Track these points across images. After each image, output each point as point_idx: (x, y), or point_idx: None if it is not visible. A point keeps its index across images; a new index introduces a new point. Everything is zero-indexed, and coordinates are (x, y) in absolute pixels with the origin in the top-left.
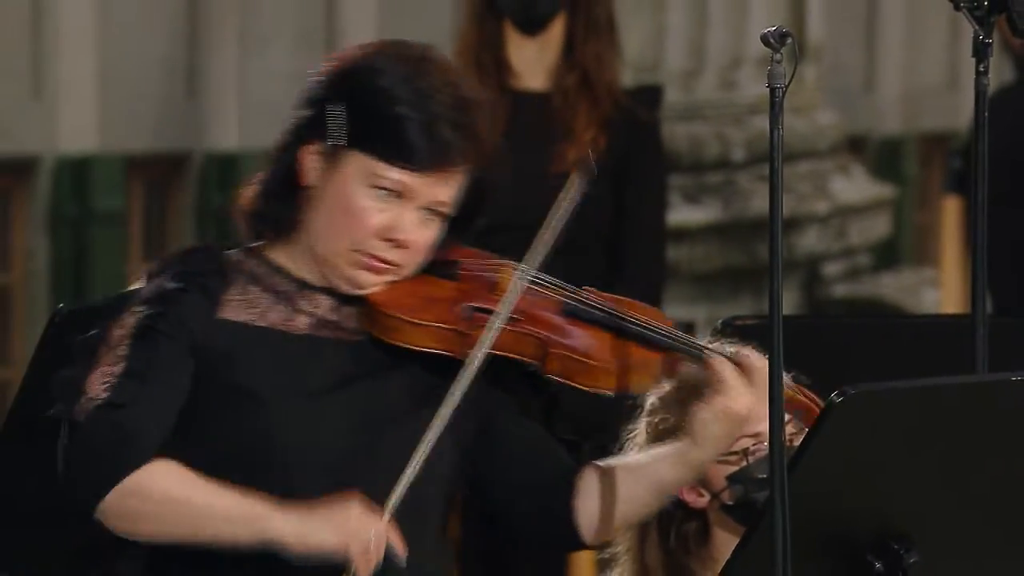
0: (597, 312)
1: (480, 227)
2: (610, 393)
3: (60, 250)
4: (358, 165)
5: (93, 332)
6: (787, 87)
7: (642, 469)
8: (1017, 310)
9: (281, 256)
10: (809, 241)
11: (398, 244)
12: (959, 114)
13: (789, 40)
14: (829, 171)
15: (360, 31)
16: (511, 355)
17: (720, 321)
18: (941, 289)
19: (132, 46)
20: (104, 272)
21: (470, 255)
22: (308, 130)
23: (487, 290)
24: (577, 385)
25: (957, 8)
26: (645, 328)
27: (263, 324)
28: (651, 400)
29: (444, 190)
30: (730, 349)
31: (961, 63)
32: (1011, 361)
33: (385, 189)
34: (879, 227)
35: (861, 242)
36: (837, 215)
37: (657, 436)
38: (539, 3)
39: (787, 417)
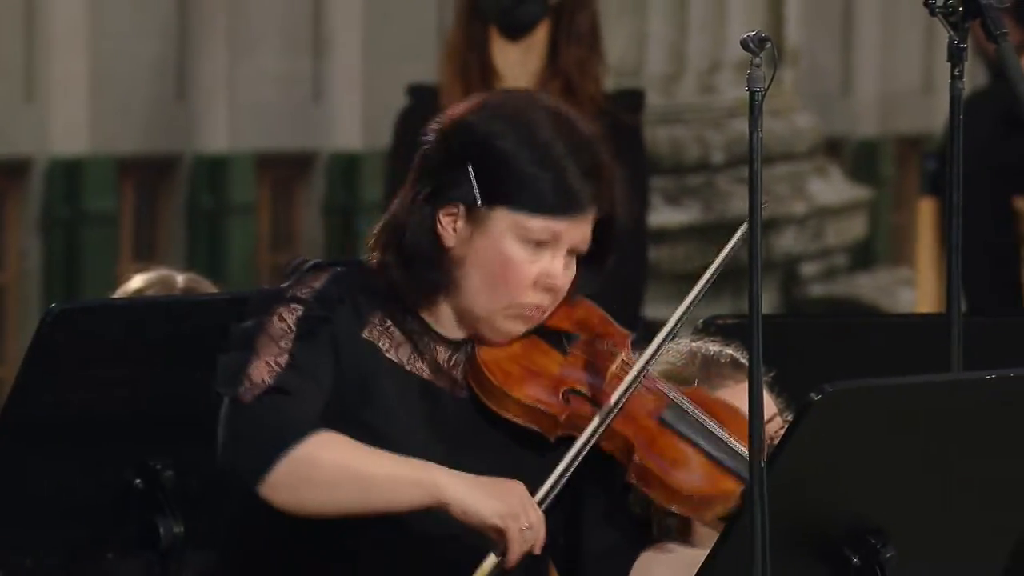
0: (693, 431)
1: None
2: (680, 512)
3: (52, 250)
4: (505, 221)
5: (248, 324)
6: (766, 91)
7: (687, 567)
8: (992, 310)
9: (421, 311)
10: (787, 242)
11: (550, 289)
12: (934, 117)
13: (768, 45)
14: (807, 173)
15: (346, 34)
16: (603, 447)
17: (701, 320)
18: (916, 289)
19: (123, 49)
20: (96, 272)
21: (593, 326)
22: (440, 195)
23: (594, 377)
24: (652, 497)
25: (932, 14)
26: (735, 458)
27: (393, 358)
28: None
29: (583, 231)
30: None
31: (936, 67)
32: (985, 360)
33: (534, 241)
34: (856, 228)
35: (838, 243)
36: (814, 216)
37: None
38: (523, 9)
39: (766, 416)
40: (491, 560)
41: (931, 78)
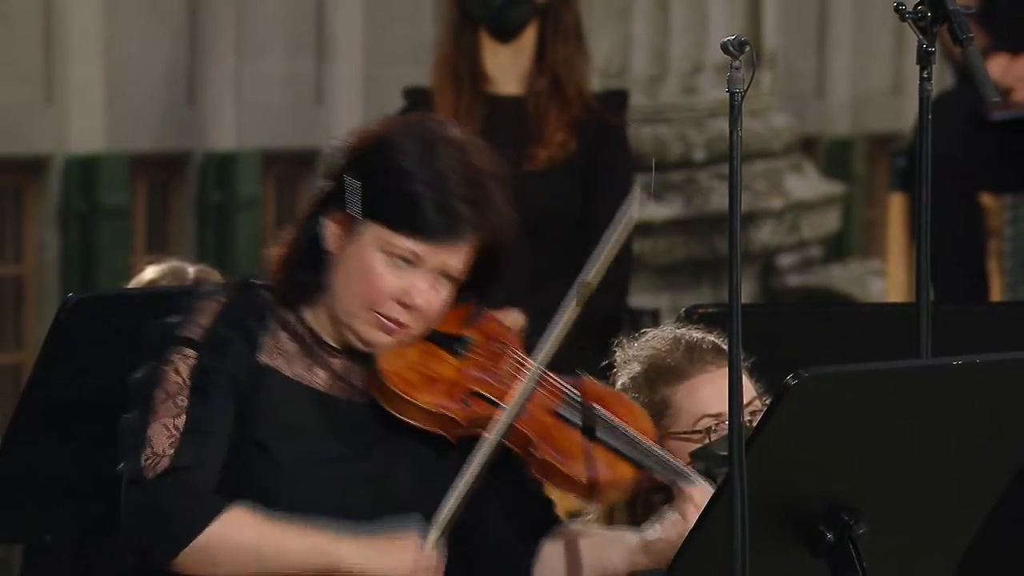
0: (587, 422)
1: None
2: (580, 500)
3: (69, 243)
4: (374, 234)
5: (144, 374)
6: (745, 92)
7: (595, 550)
8: (959, 299)
9: (305, 312)
10: (765, 235)
11: (410, 307)
12: (904, 117)
13: (747, 48)
14: (783, 170)
15: (347, 39)
16: (504, 443)
17: (683, 309)
18: (887, 279)
19: (137, 54)
20: (110, 264)
21: (483, 327)
22: (331, 201)
23: (490, 376)
24: (553, 486)
25: (903, 19)
26: (629, 444)
27: (289, 375)
28: (622, 380)
29: (455, 258)
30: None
31: (906, 70)
32: (953, 346)
33: (399, 257)
34: (830, 222)
35: (813, 236)
36: (791, 211)
37: None
38: (511, 12)
39: (746, 400)
40: None
41: (901, 80)
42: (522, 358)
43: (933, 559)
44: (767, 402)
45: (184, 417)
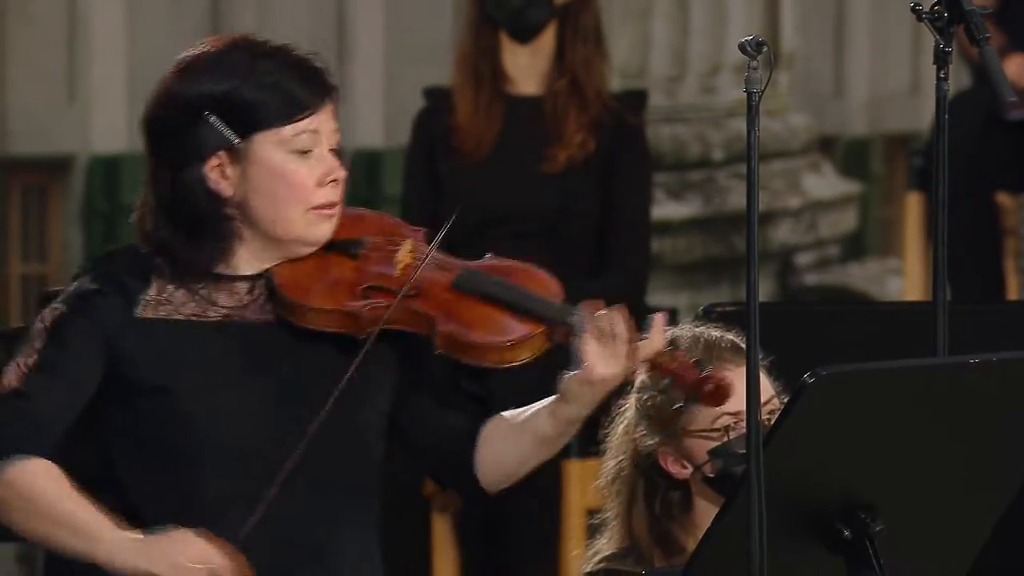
0: (484, 287)
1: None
2: (493, 367)
3: (93, 242)
4: (266, 143)
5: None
6: (763, 92)
7: (526, 423)
8: (975, 298)
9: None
10: (783, 234)
11: (336, 181)
12: (921, 117)
13: (765, 49)
14: (801, 169)
15: (369, 37)
16: (405, 328)
17: (701, 308)
18: (904, 278)
19: (159, 54)
20: None
21: (376, 226)
22: (193, 156)
23: (386, 268)
24: (463, 360)
25: (920, 19)
26: (527, 301)
27: (177, 318)
28: (641, 378)
29: (333, 119)
30: (601, 313)
31: (923, 70)
32: (969, 345)
33: (299, 147)
34: (847, 221)
35: (830, 235)
36: (808, 210)
37: (645, 413)
38: (530, 13)
39: (764, 398)
40: None
41: (918, 80)
42: (419, 246)
43: (950, 556)
44: (785, 400)
45: (36, 357)
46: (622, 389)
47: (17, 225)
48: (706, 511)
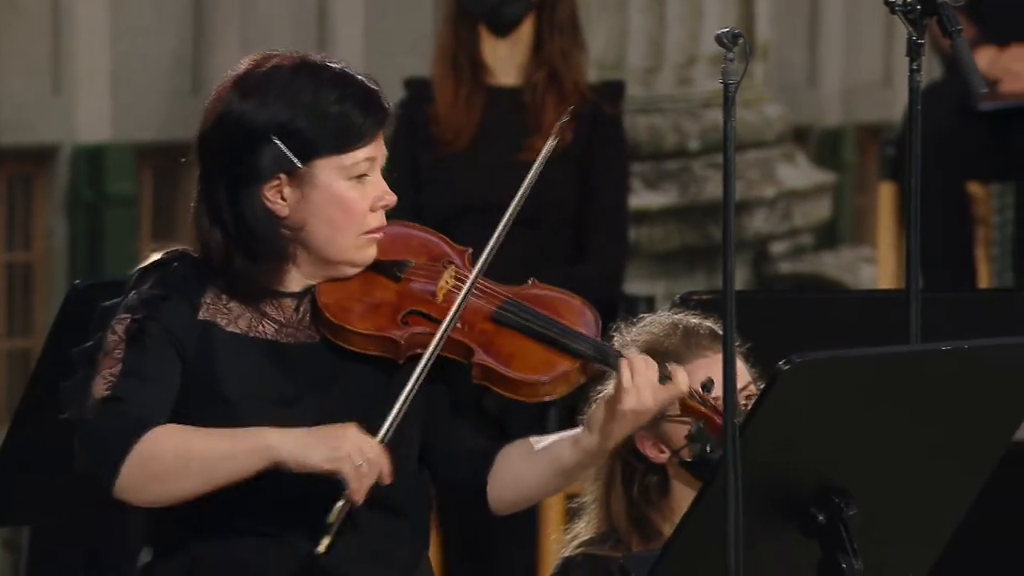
0: (524, 322)
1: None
2: (528, 401)
3: (77, 231)
4: (327, 168)
5: (88, 344)
6: (738, 83)
7: (547, 451)
8: (947, 286)
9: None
10: (758, 223)
11: (386, 207)
12: (894, 107)
13: (740, 40)
14: (775, 159)
15: (349, 29)
16: (443, 354)
17: (678, 296)
18: (877, 267)
19: (143, 45)
20: (117, 251)
21: (422, 246)
22: (253, 177)
23: (428, 294)
24: (498, 391)
25: (892, 12)
26: (567, 338)
27: (234, 330)
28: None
29: (383, 146)
30: (636, 355)
31: (896, 61)
32: (941, 332)
33: (358, 174)
34: (821, 210)
35: (805, 223)
36: (783, 199)
37: None
38: (506, 8)
39: (740, 384)
40: (341, 500)
41: (891, 71)
42: (462, 273)
43: (923, 540)
44: (761, 387)
45: (120, 365)
46: (600, 377)
47: (2, 214)
48: (683, 495)
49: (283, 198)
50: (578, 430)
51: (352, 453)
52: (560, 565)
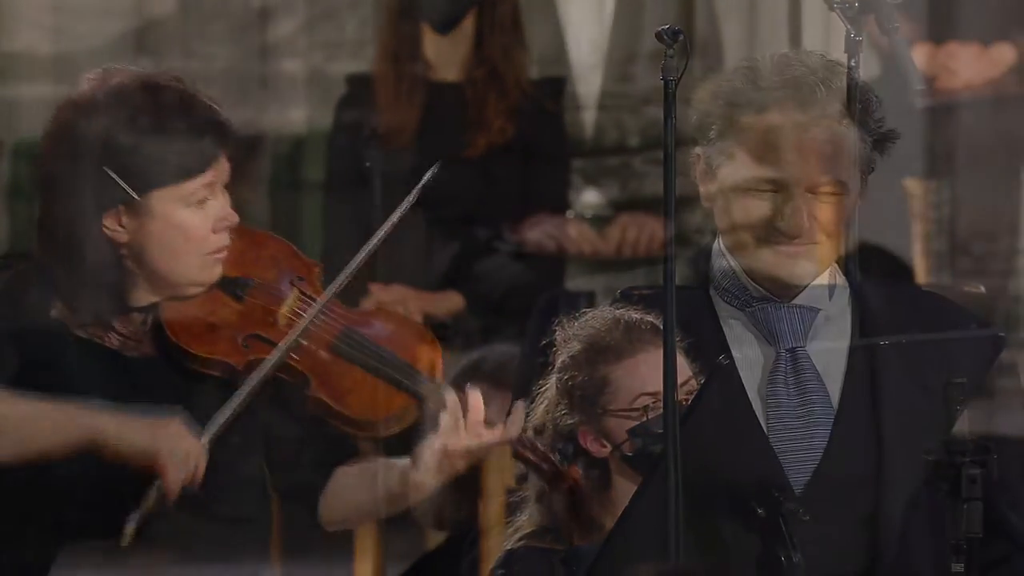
0: (362, 356)
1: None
2: (360, 435)
3: (17, 225)
4: (165, 198)
5: None
6: (679, 79)
7: (375, 478)
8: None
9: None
10: (697, 219)
11: (228, 227)
12: None
13: (680, 37)
14: (715, 155)
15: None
16: (281, 375)
17: (619, 291)
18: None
19: (87, 38)
20: None
21: (271, 260)
22: (88, 204)
23: (269, 316)
24: (333, 424)
25: (831, 8)
26: (403, 375)
27: (82, 334)
28: (562, 358)
29: (225, 167)
30: (468, 393)
31: (835, 57)
32: (879, 327)
33: (199, 199)
34: (760, 206)
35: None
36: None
37: (566, 392)
38: (447, 6)
39: (681, 379)
40: (154, 488)
41: None
42: (308, 295)
43: (863, 536)
44: (701, 382)
45: None
46: (543, 370)
47: None
48: (624, 489)
49: (121, 225)
50: (405, 466)
51: (171, 446)
52: (502, 558)
